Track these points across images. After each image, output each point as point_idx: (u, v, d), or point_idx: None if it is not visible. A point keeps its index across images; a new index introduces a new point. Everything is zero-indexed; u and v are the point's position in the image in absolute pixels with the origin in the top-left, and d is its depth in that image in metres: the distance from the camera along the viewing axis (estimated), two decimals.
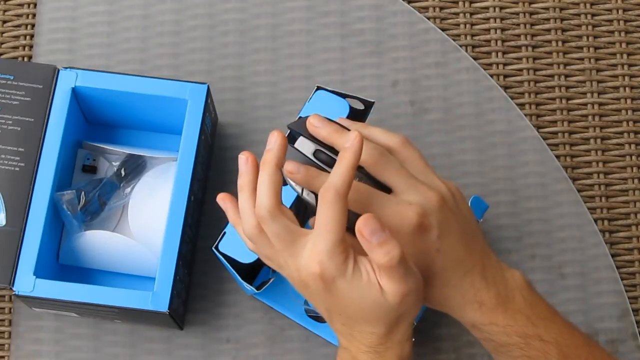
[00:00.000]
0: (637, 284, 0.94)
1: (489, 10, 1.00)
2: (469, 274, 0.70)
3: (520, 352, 0.70)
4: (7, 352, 0.92)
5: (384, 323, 0.67)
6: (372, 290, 0.65)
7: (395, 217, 0.67)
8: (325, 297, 0.67)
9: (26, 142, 0.86)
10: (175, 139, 0.89)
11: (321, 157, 0.70)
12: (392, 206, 0.68)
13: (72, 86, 0.87)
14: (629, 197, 0.96)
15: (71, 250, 0.90)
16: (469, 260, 0.70)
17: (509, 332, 0.70)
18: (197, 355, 0.91)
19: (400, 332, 0.68)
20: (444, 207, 0.70)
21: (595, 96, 0.98)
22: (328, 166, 0.70)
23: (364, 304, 0.66)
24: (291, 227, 0.67)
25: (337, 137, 0.71)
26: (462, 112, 0.97)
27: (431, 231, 0.68)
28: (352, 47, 0.98)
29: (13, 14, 1.00)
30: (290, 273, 0.69)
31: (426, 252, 0.69)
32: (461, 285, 0.70)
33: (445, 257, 0.69)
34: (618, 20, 1.00)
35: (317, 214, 0.65)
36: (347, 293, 0.66)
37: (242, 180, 0.69)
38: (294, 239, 0.66)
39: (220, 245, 0.82)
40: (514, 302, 0.70)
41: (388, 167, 0.70)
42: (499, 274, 0.71)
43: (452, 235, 0.70)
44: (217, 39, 0.98)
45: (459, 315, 0.72)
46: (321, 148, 0.70)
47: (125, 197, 0.91)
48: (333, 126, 0.72)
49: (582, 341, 0.72)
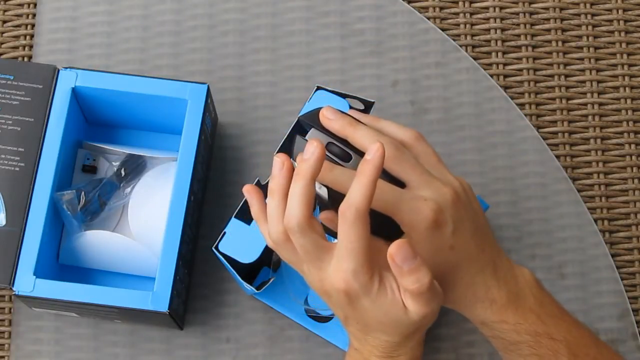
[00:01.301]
0: (637, 284, 0.94)
1: (489, 10, 1.00)
2: (480, 272, 0.70)
3: (530, 350, 0.70)
4: (7, 352, 0.92)
5: (402, 334, 0.67)
6: (395, 308, 0.65)
7: (410, 213, 0.67)
8: (347, 309, 0.67)
9: (26, 142, 0.86)
10: (175, 139, 0.89)
11: (334, 150, 0.69)
12: (407, 201, 0.67)
13: (72, 86, 0.87)
14: (629, 197, 0.96)
15: (71, 250, 0.90)
16: (481, 258, 0.70)
17: (519, 330, 0.70)
18: (197, 355, 0.91)
19: (415, 340, 0.68)
20: (458, 203, 0.69)
21: (595, 96, 0.98)
22: (341, 159, 0.68)
23: (385, 318, 0.66)
24: (319, 242, 0.65)
25: (352, 130, 0.69)
26: (462, 112, 0.97)
27: (446, 227, 0.68)
28: (352, 47, 0.98)
29: (13, 14, 1.00)
30: (313, 281, 0.68)
31: (440, 249, 0.68)
32: (473, 282, 0.70)
33: (458, 254, 0.69)
34: (618, 20, 1.00)
35: (339, 233, 0.63)
36: (370, 308, 0.65)
37: (274, 184, 0.66)
38: (320, 255, 0.65)
39: (220, 245, 0.82)
40: (525, 300, 0.70)
41: (403, 162, 0.69)
42: (509, 272, 0.71)
43: (465, 231, 0.69)
44: (217, 39, 0.98)
45: (469, 313, 0.71)
46: (334, 141, 0.69)
47: (125, 197, 0.91)
48: (346, 119, 0.70)
49: (590, 340, 0.72)
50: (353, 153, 0.68)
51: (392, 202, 0.66)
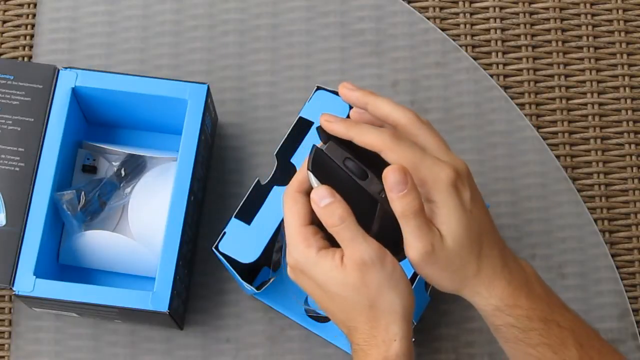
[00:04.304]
0: (637, 284, 0.94)
1: (489, 10, 1.00)
2: (496, 246, 0.70)
3: (540, 339, 0.70)
4: (7, 352, 0.92)
5: (359, 312, 0.68)
6: (334, 267, 0.67)
7: (432, 170, 0.67)
8: (308, 287, 0.70)
9: (26, 142, 0.86)
10: (175, 139, 0.89)
11: (350, 166, 0.69)
12: (428, 159, 0.68)
13: (72, 86, 0.87)
14: (629, 197, 0.96)
15: (71, 250, 0.90)
16: (494, 233, 0.70)
17: (531, 316, 0.70)
18: (197, 355, 0.91)
19: (383, 330, 0.68)
20: (470, 176, 0.70)
21: (595, 96, 0.98)
22: (357, 177, 0.69)
23: (332, 287, 0.67)
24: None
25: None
26: (462, 112, 0.97)
27: (465, 191, 0.68)
28: (352, 47, 0.98)
29: (13, 14, 1.00)
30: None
31: (463, 210, 0.68)
32: (492, 255, 0.69)
33: (478, 221, 0.69)
34: (618, 20, 1.00)
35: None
36: (315, 276, 0.68)
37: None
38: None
39: (220, 245, 0.82)
40: (533, 286, 0.70)
41: (423, 127, 0.70)
42: (515, 260, 0.71)
43: (480, 201, 0.70)
44: (217, 39, 0.99)
45: (487, 293, 0.70)
46: (351, 157, 0.70)
47: (125, 197, 0.91)
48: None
49: (593, 332, 0.73)
50: (370, 172, 0.68)
51: (412, 160, 0.67)
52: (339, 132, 0.69)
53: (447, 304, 0.92)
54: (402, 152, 0.67)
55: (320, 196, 0.67)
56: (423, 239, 0.66)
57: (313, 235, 0.68)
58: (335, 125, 0.70)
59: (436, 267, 0.68)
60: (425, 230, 0.66)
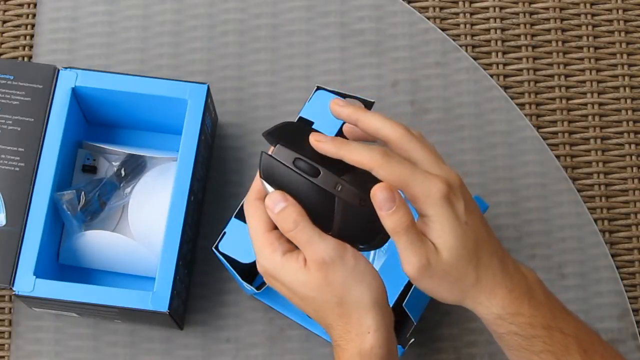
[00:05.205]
0: (637, 284, 0.94)
1: (489, 10, 1.00)
2: (495, 254, 0.70)
3: (544, 346, 0.70)
4: (7, 352, 0.92)
5: (331, 310, 0.68)
6: (299, 269, 0.67)
7: (423, 184, 0.67)
8: (281, 291, 0.70)
9: (26, 142, 0.86)
10: (175, 139, 0.89)
11: (301, 165, 0.69)
12: (420, 174, 0.68)
13: (72, 86, 0.87)
14: (629, 197, 0.96)
15: (71, 250, 0.90)
16: (492, 242, 0.70)
17: (534, 324, 0.69)
18: (197, 355, 0.91)
19: (357, 324, 0.68)
20: (463, 187, 0.70)
21: (595, 96, 0.98)
22: (309, 175, 0.68)
23: (300, 289, 0.68)
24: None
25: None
26: (462, 112, 0.97)
27: (458, 203, 0.68)
28: (352, 47, 0.98)
29: (13, 14, 1.00)
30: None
31: (458, 222, 0.68)
32: (491, 264, 0.69)
33: (473, 232, 0.69)
34: (618, 20, 1.00)
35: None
36: (283, 280, 0.68)
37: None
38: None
39: (220, 245, 0.82)
40: (535, 293, 0.70)
41: (413, 140, 0.70)
42: (516, 267, 0.71)
43: (475, 212, 0.69)
44: (217, 39, 0.99)
45: (487, 302, 0.70)
46: (300, 156, 0.69)
47: (125, 197, 0.91)
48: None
49: (597, 337, 0.72)
50: (322, 168, 0.68)
51: (403, 176, 0.67)
52: (329, 151, 0.69)
53: (447, 304, 0.91)
54: (393, 169, 0.67)
55: (274, 201, 0.68)
56: (417, 253, 0.66)
57: (277, 239, 0.69)
58: (325, 145, 0.69)
59: (434, 280, 0.68)
60: (419, 244, 0.67)
